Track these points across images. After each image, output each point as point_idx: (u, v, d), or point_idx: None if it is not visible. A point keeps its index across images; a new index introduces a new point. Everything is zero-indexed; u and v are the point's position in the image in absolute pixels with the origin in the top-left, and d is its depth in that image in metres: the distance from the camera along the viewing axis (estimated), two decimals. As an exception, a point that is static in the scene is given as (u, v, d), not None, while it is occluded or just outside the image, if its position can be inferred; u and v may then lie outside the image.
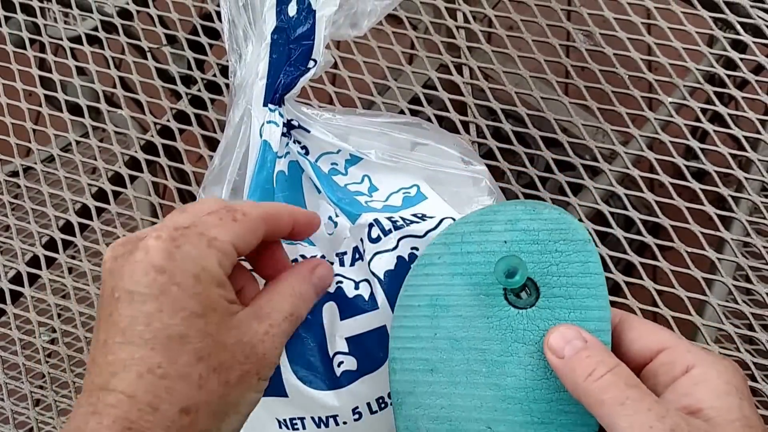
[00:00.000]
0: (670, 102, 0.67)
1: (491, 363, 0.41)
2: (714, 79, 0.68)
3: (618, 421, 0.36)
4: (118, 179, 0.72)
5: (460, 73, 0.71)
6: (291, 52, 0.49)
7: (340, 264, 0.47)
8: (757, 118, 0.65)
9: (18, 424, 0.68)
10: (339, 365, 0.45)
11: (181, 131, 0.73)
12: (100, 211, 0.71)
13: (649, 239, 0.61)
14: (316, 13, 0.49)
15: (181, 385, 0.35)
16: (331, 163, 0.51)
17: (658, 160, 0.64)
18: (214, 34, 0.77)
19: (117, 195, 0.71)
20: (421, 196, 0.50)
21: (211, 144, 0.72)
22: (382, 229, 0.46)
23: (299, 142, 0.51)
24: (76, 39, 0.80)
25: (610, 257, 0.61)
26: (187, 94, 0.74)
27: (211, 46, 0.76)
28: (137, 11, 0.81)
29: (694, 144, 0.65)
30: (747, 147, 0.64)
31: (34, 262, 0.71)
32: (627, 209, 0.63)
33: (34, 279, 0.71)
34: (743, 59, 0.67)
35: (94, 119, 0.75)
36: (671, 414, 0.35)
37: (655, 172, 0.64)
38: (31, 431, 0.67)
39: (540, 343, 0.40)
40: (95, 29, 0.80)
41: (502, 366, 0.40)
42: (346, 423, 0.46)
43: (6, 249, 0.73)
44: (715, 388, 0.37)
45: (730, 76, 0.67)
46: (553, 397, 0.40)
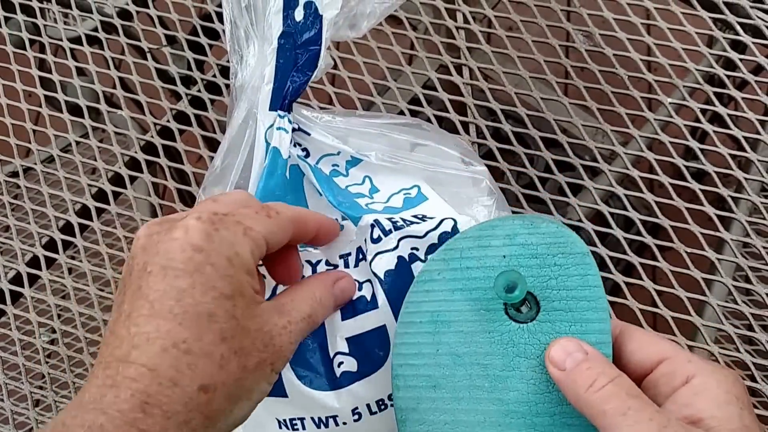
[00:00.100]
0: (670, 102, 0.67)
1: (493, 378, 0.41)
2: (714, 79, 0.69)
3: (620, 431, 0.36)
4: (118, 180, 0.72)
5: (460, 73, 0.71)
6: (298, 57, 0.49)
7: (345, 266, 0.47)
8: (756, 119, 0.65)
9: (18, 424, 0.68)
10: (339, 365, 0.45)
11: (181, 132, 0.73)
12: (100, 211, 0.71)
13: (648, 240, 0.61)
14: (323, 18, 0.49)
15: (203, 362, 0.36)
16: (332, 165, 0.51)
17: (657, 160, 0.64)
18: (214, 34, 0.77)
19: (117, 195, 0.71)
20: (422, 197, 0.50)
21: (211, 144, 0.72)
22: (382, 230, 0.46)
23: (300, 145, 0.51)
24: (75, 39, 0.80)
25: (610, 258, 0.61)
26: (186, 95, 0.74)
27: (210, 46, 0.76)
28: (137, 12, 0.81)
29: (694, 144, 0.65)
30: (747, 147, 0.64)
31: (34, 262, 0.71)
32: (627, 210, 0.63)
33: (34, 279, 0.71)
34: (743, 60, 0.67)
35: (94, 120, 0.75)
36: (672, 424, 0.36)
37: (655, 173, 0.64)
38: (30, 431, 0.67)
39: (541, 356, 0.40)
40: (95, 30, 0.80)
41: (505, 381, 0.41)
42: (345, 423, 0.46)
43: (6, 249, 0.73)
44: (715, 397, 0.37)
45: (729, 77, 0.67)
46: (556, 411, 0.40)
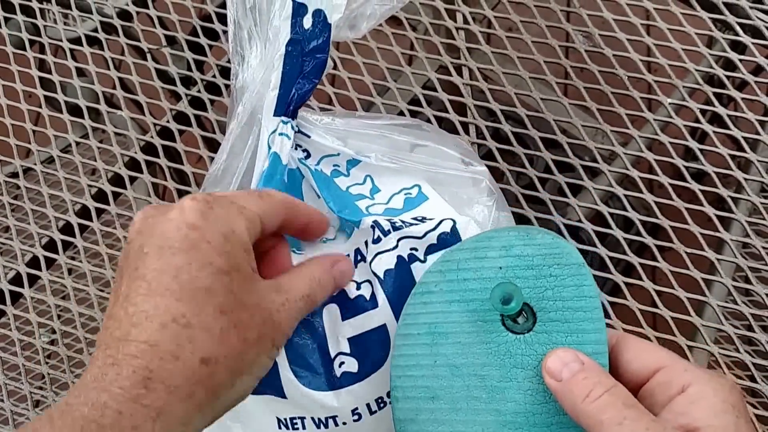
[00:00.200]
0: (670, 103, 0.67)
1: (491, 389, 0.41)
2: (713, 80, 0.69)
3: None
4: (117, 180, 0.72)
5: (460, 74, 0.71)
6: (304, 64, 0.49)
7: None
8: (756, 119, 0.65)
9: (18, 424, 0.68)
10: (340, 366, 0.45)
11: (180, 132, 0.73)
12: (100, 212, 0.71)
13: (648, 240, 0.61)
14: (331, 27, 0.49)
15: (203, 335, 0.36)
16: (333, 165, 0.51)
17: (657, 160, 0.64)
18: (214, 35, 0.77)
19: (117, 196, 0.71)
20: (423, 197, 0.50)
21: (211, 145, 0.72)
22: (381, 230, 0.47)
23: (300, 146, 0.51)
24: (75, 40, 0.80)
25: (610, 258, 0.61)
26: (186, 95, 0.74)
27: (210, 47, 0.76)
28: (137, 12, 0.81)
29: (694, 145, 0.65)
30: (746, 148, 0.64)
31: (34, 263, 0.71)
32: (626, 210, 0.63)
33: (34, 280, 0.71)
34: (742, 60, 0.67)
35: (94, 120, 0.75)
36: None
37: (655, 173, 0.64)
38: None
39: (538, 367, 0.40)
40: (95, 30, 0.80)
41: (502, 391, 0.41)
42: (345, 423, 0.46)
43: (6, 250, 0.73)
44: (711, 406, 0.37)
45: (729, 77, 0.67)
46: (553, 421, 0.40)
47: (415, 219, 0.48)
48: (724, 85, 0.67)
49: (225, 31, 0.77)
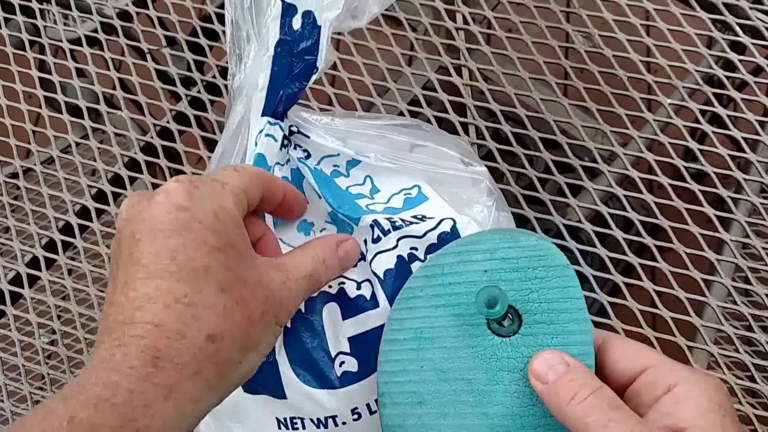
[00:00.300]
0: (669, 103, 0.67)
1: (478, 392, 0.41)
2: (713, 80, 0.69)
3: None
4: (117, 180, 0.72)
5: (460, 74, 0.71)
6: (293, 65, 0.49)
7: None
8: (756, 120, 0.65)
9: (18, 425, 0.67)
10: (341, 365, 0.45)
11: (180, 133, 0.73)
12: (100, 212, 0.71)
13: (648, 240, 0.61)
14: (321, 29, 0.49)
15: (207, 313, 0.37)
16: (333, 166, 0.51)
17: (657, 161, 0.64)
18: (214, 35, 0.77)
19: (117, 196, 0.71)
20: (422, 197, 0.50)
21: (211, 145, 0.72)
22: (381, 230, 0.47)
23: (300, 146, 0.51)
24: (75, 41, 0.80)
25: (610, 258, 0.61)
26: (186, 96, 0.74)
27: (210, 47, 0.76)
28: (137, 13, 0.81)
29: (693, 145, 0.65)
30: (746, 148, 0.64)
31: (34, 263, 0.71)
32: (626, 210, 0.63)
33: (33, 280, 0.71)
34: (742, 61, 0.67)
35: (94, 121, 0.76)
36: None
37: (655, 174, 0.64)
38: None
39: (525, 370, 0.40)
40: (95, 31, 0.80)
41: (489, 395, 0.41)
42: (345, 423, 0.46)
43: (6, 250, 0.73)
44: (697, 406, 0.37)
45: (729, 78, 0.67)
46: (540, 423, 0.40)
47: (414, 217, 0.48)
48: (724, 85, 0.67)
49: (225, 32, 0.76)
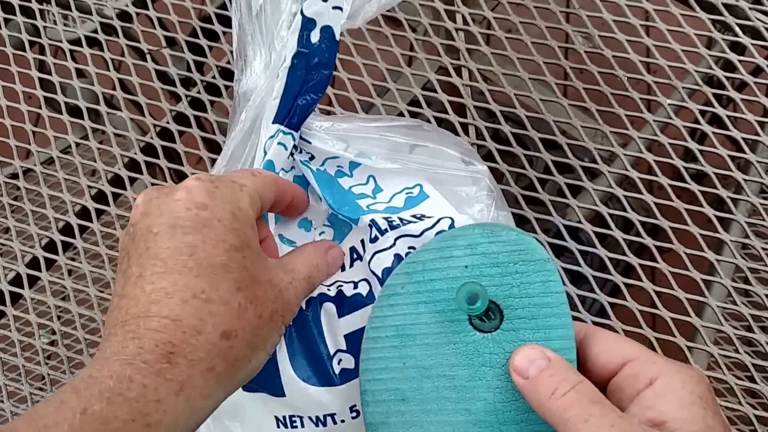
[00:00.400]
0: (669, 104, 0.67)
1: (460, 388, 0.41)
2: (713, 80, 0.69)
3: None
4: (117, 181, 0.72)
5: (459, 75, 0.71)
6: (308, 78, 0.50)
7: (341, 269, 0.48)
8: (755, 120, 0.65)
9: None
10: (339, 363, 0.45)
11: (180, 133, 0.73)
12: (100, 212, 0.71)
13: (648, 241, 0.61)
14: (338, 44, 0.50)
15: (223, 310, 0.37)
16: (337, 166, 0.51)
17: (657, 161, 0.64)
18: (214, 36, 0.77)
19: (117, 197, 0.71)
20: (424, 195, 0.50)
21: (211, 146, 0.72)
22: (378, 230, 0.47)
23: (304, 149, 0.51)
24: (75, 41, 0.80)
25: (610, 259, 0.61)
26: (186, 96, 0.74)
27: (210, 48, 0.76)
28: (137, 13, 0.81)
29: (693, 146, 0.65)
30: (746, 149, 0.64)
31: (34, 264, 0.71)
32: (626, 211, 0.63)
33: (33, 281, 0.71)
34: (742, 61, 0.67)
35: (94, 121, 0.76)
36: (634, 429, 0.35)
37: (654, 174, 0.64)
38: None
39: (506, 365, 0.40)
40: (95, 31, 0.80)
41: (471, 391, 0.41)
42: (344, 421, 0.46)
43: (6, 251, 0.73)
44: (679, 399, 0.37)
45: (728, 78, 0.67)
46: (523, 418, 0.40)
47: (414, 216, 0.48)
48: (724, 86, 0.67)
49: (225, 32, 0.77)
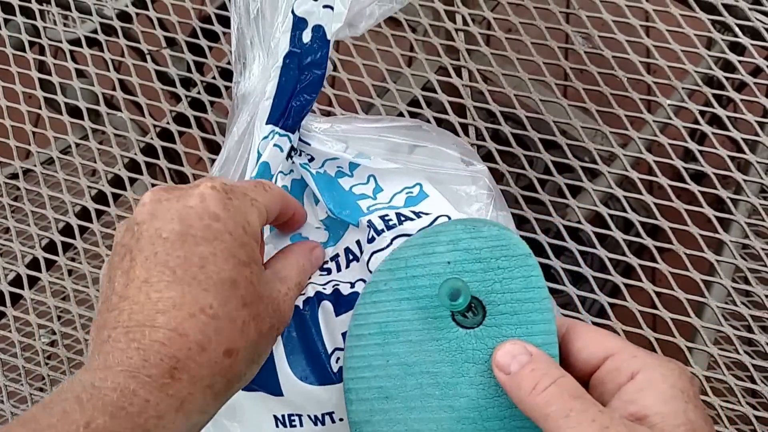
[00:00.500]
0: (669, 104, 0.67)
1: (444, 385, 0.41)
2: (712, 81, 0.69)
3: None
4: (117, 181, 0.72)
5: (459, 75, 0.71)
6: (301, 77, 0.50)
7: (337, 268, 0.48)
8: (755, 120, 0.65)
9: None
10: (336, 361, 0.46)
11: (180, 134, 0.73)
12: (100, 213, 0.71)
13: (648, 241, 0.61)
14: (330, 43, 0.49)
15: (228, 327, 0.37)
16: (337, 167, 0.51)
17: (656, 162, 0.64)
18: (214, 36, 0.77)
19: (117, 197, 0.71)
20: (423, 195, 0.50)
21: (211, 146, 0.72)
22: (375, 230, 0.47)
23: (303, 151, 0.51)
24: (75, 41, 0.80)
25: (609, 259, 0.61)
26: (186, 97, 0.74)
27: (210, 48, 0.76)
28: (136, 14, 0.81)
29: (693, 146, 0.65)
30: (745, 149, 0.64)
31: (34, 264, 0.71)
32: (626, 211, 0.63)
33: (33, 281, 0.71)
34: (741, 62, 0.67)
35: (94, 122, 0.76)
36: (615, 424, 0.35)
37: (654, 174, 0.64)
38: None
39: (489, 361, 0.40)
40: (94, 32, 0.80)
41: (455, 387, 0.41)
42: (342, 420, 0.46)
43: (6, 251, 0.73)
44: (660, 393, 0.37)
45: (728, 79, 0.67)
46: (506, 414, 0.40)
47: (412, 212, 0.48)
48: (724, 86, 0.67)
49: (225, 33, 0.77)
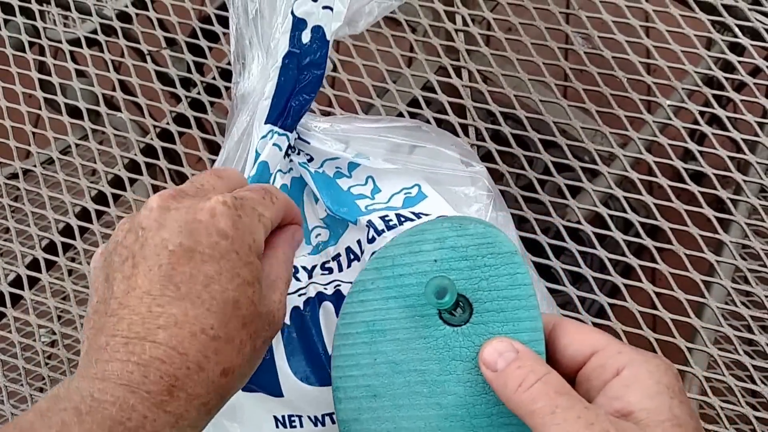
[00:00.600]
0: (669, 104, 0.67)
1: (431, 383, 0.41)
2: (712, 81, 0.69)
3: (549, 430, 0.35)
4: (117, 182, 0.72)
5: (459, 75, 0.71)
6: (300, 77, 0.50)
7: (338, 268, 0.48)
8: (755, 121, 0.65)
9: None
10: None
11: (180, 134, 0.73)
12: (100, 213, 0.71)
13: (647, 241, 0.61)
14: (329, 43, 0.50)
15: (227, 348, 0.37)
16: (336, 167, 0.51)
17: (656, 162, 0.64)
18: (214, 37, 0.77)
19: (117, 198, 0.71)
20: (422, 195, 0.50)
21: (211, 147, 0.72)
22: (375, 230, 0.47)
23: (302, 151, 0.51)
24: (75, 42, 0.80)
25: (609, 259, 0.61)
26: (186, 97, 0.74)
27: (210, 49, 0.76)
28: (136, 14, 0.81)
29: (693, 146, 0.65)
30: (745, 149, 0.64)
31: (34, 265, 0.71)
32: (626, 211, 0.63)
33: (33, 282, 0.71)
34: (741, 62, 0.67)
35: (94, 122, 0.76)
36: (600, 420, 0.35)
37: (654, 175, 0.64)
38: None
39: (476, 359, 0.40)
40: (94, 32, 0.80)
41: (442, 385, 0.41)
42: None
43: (6, 252, 0.73)
44: (646, 388, 0.37)
45: (728, 79, 0.67)
46: (493, 411, 0.40)
47: (412, 213, 0.48)
48: (723, 86, 0.67)
49: (225, 33, 0.77)
